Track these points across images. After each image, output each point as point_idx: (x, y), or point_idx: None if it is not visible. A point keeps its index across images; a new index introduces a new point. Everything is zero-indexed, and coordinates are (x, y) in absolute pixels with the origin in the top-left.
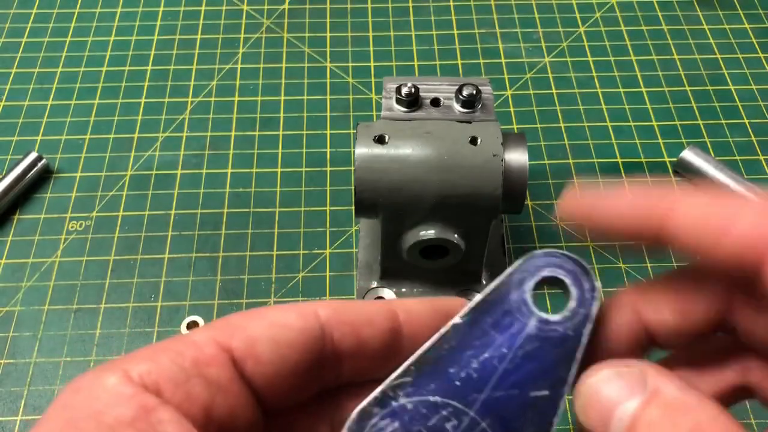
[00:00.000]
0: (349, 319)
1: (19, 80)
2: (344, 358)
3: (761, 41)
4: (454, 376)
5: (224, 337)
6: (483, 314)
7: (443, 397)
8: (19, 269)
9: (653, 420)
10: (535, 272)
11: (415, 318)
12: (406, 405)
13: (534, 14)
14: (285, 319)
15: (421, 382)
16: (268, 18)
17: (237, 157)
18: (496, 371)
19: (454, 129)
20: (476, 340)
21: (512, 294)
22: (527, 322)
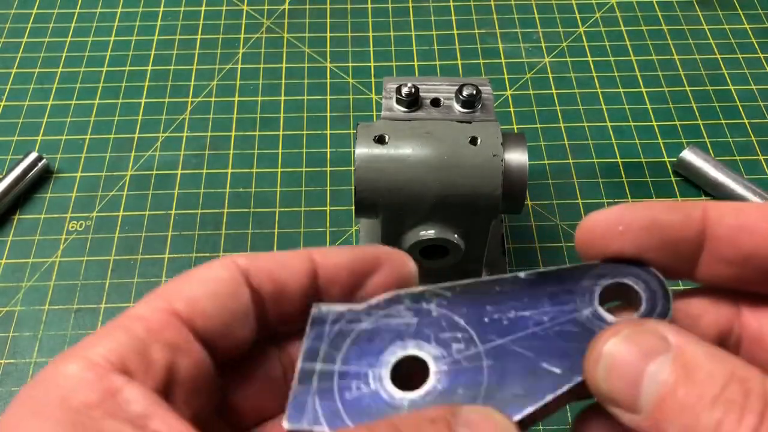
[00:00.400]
0: (265, 265)
1: (19, 80)
2: (267, 304)
3: (761, 41)
4: (487, 313)
5: (164, 302)
6: (547, 282)
7: (467, 323)
8: (20, 269)
9: (687, 376)
10: (618, 274)
11: (332, 261)
12: (432, 311)
13: (534, 14)
14: (214, 274)
15: (457, 302)
16: (268, 18)
17: (237, 157)
18: (526, 329)
19: (454, 129)
20: (526, 298)
21: (585, 281)
22: (582, 309)
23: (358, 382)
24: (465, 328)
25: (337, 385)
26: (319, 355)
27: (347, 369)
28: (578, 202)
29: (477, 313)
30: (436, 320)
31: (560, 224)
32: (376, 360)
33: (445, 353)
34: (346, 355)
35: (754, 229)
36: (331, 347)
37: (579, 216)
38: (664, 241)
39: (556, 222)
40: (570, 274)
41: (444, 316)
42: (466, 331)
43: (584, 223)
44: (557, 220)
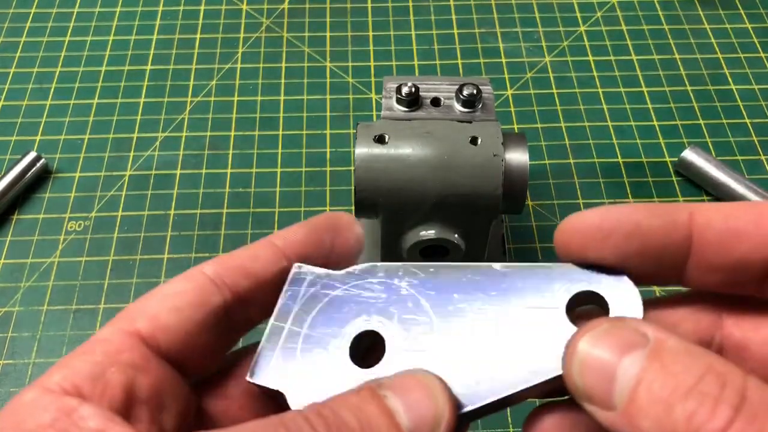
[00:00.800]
0: (234, 263)
1: (18, 80)
2: (248, 299)
3: (762, 41)
4: (454, 301)
5: (128, 323)
6: (519, 278)
7: (431, 309)
8: (18, 269)
9: (663, 369)
10: (591, 281)
11: (292, 240)
12: (401, 288)
13: (534, 14)
14: (176, 287)
15: (427, 283)
16: (268, 17)
17: (237, 157)
18: (489, 324)
19: (455, 129)
20: (495, 291)
21: (557, 283)
22: (549, 313)
23: (319, 348)
24: (428, 311)
25: (300, 347)
26: (290, 315)
27: (312, 333)
28: (579, 202)
29: (444, 298)
30: (403, 299)
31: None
32: (339, 330)
33: (405, 334)
34: (314, 320)
35: (744, 234)
36: (302, 309)
37: None
38: (648, 248)
39: (557, 222)
40: (544, 274)
41: (411, 296)
42: (429, 316)
43: (563, 225)
44: (558, 221)
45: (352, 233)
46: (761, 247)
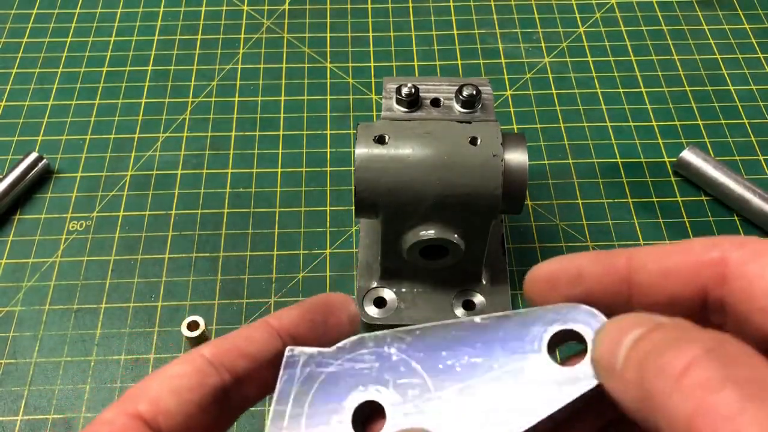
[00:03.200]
0: (231, 345)
1: (19, 80)
2: (244, 379)
3: (761, 41)
4: (442, 359)
5: (131, 405)
6: (500, 327)
7: (423, 369)
8: (20, 269)
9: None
10: (567, 320)
11: (287, 321)
12: (392, 355)
13: (534, 14)
14: (177, 370)
15: (416, 346)
16: (269, 18)
17: (237, 157)
18: (477, 377)
19: (454, 129)
20: (479, 344)
21: (535, 327)
22: (530, 357)
23: (323, 426)
24: (421, 374)
25: (304, 427)
26: (290, 397)
27: (313, 414)
28: (578, 202)
29: (433, 358)
30: (395, 365)
31: (560, 224)
32: (339, 405)
33: (402, 399)
34: (313, 399)
35: (673, 273)
36: (300, 390)
37: (579, 216)
38: (592, 292)
39: (556, 222)
40: (522, 320)
41: (402, 360)
42: (421, 377)
43: (527, 276)
44: (557, 221)
45: (346, 313)
46: (689, 284)
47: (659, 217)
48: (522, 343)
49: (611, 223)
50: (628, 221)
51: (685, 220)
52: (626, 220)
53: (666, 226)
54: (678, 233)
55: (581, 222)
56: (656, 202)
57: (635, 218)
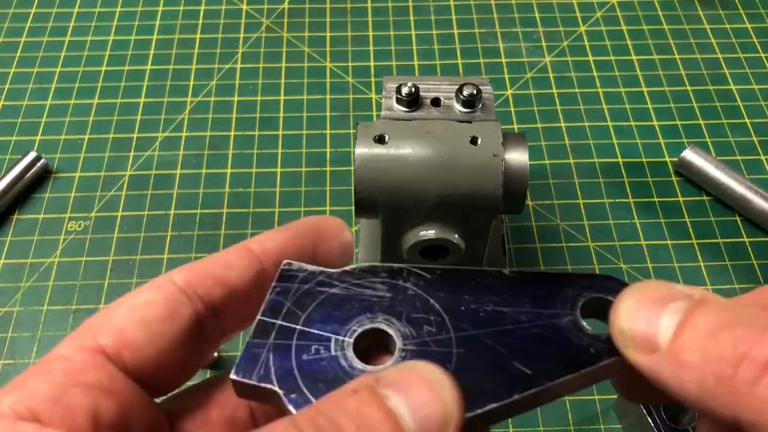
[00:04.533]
0: (206, 271)
1: (18, 80)
2: (221, 309)
3: (762, 41)
4: (465, 302)
5: (90, 339)
6: (530, 283)
7: (441, 308)
8: (18, 269)
9: (707, 311)
10: (603, 290)
11: (270, 246)
12: (408, 289)
13: (534, 14)
14: (144, 298)
15: (435, 285)
16: (268, 18)
17: (237, 157)
18: (502, 325)
19: (455, 129)
20: (507, 294)
21: (569, 290)
22: (562, 316)
23: (318, 345)
24: (439, 311)
25: (296, 344)
26: (282, 311)
27: (309, 330)
28: (579, 202)
29: (454, 299)
30: (411, 299)
31: (561, 224)
32: (341, 327)
33: (415, 333)
34: (310, 316)
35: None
36: (296, 305)
37: (580, 216)
38: None
39: (557, 222)
40: (555, 280)
41: (419, 296)
42: (440, 315)
43: None
44: (558, 221)
45: (339, 241)
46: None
47: (660, 217)
48: (554, 301)
49: (612, 223)
50: (629, 221)
51: (687, 220)
52: (627, 220)
53: (667, 226)
54: (679, 233)
55: (582, 222)
56: (657, 202)
57: (636, 218)
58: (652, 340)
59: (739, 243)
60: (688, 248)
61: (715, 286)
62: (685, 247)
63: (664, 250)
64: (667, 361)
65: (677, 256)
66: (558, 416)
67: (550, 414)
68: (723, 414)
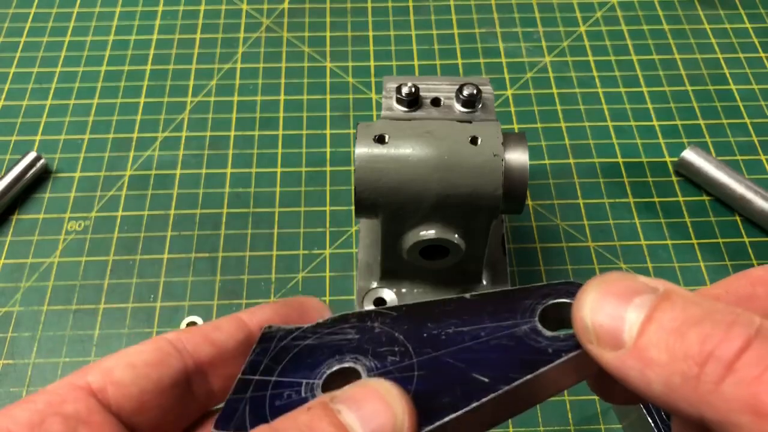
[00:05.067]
0: (198, 331)
1: (18, 80)
2: (208, 368)
3: (762, 41)
4: (427, 329)
5: (80, 378)
6: (491, 302)
7: (405, 339)
8: (18, 269)
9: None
10: (562, 295)
11: (258, 317)
12: (375, 328)
13: (534, 14)
14: (137, 347)
15: (400, 321)
16: (268, 17)
17: (236, 157)
18: (462, 343)
19: (455, 129)
20: (467, 316)
21: (528, 300)
22: (521, 325)
23: (290, 390)
24: (403, 342)
25: (270, 394)
26: (260, 368)
27: (282, 380)
28: (579, 202)
29: (417, 329)
30: (377, 336)
31: (561, 224)
32: (311, 372)
33: (379, 365)
34: (284, 368)
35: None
36: (272, 361)
37: (580, 216)
38: None
39: (557, 222)
40: (515, 295)
41: (385, 332)
42: (403, 345)
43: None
44: (558, 220)
45: (321, 315)
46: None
47: (660, 217)
48: (513, 314)
49: (612, 223)
50: (629, 221)
51: (687, 220)
52: (627, 220)
53: (667, 226)
54: (679, 233)
55: (582, 222)
56: (657, 202)
57: (636, 218)
58: (617, 337)
59: (739, 243)
60: (688, 248)
61: None
62: (685, 247)
63: (664, 250)
64: (632, 358)
65: (677, 256)
66: (558, 416)
67: (550, 414)
68: (690, 413)
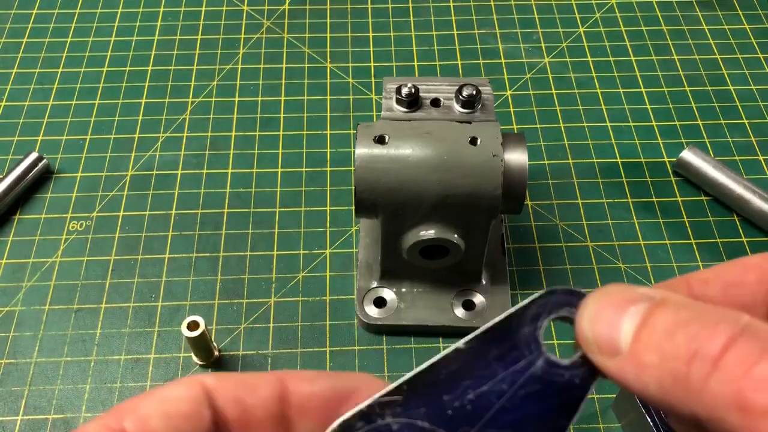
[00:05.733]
0: (232, 386)
1: (19, 80)
2: (232, 428)
3: (761, 41)
4: (447, 404)
5: (116, 421)
6: (488, 344)
7: (432, 424)
8: (20, 269)
9: (666, 311)
10: (552, 310)
11: (304, 389)
12: (391, 425)
13: (534, 14)
14: (174, 392)
15: (411, 403)
16: (269, 18)
17: (237, 157)
18: (492, 407)
19: (454, 129)
20: (477, 371)
21: (524, 328)
22: (534, 361)
23: None
24: (432, 430)
25: None
26: None
27: None
28: (578, 202)
29: (437, 408)
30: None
31: (560, 224)
32: None
33: None
34: None
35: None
36: None
37: (579, 216)
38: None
39: (556, 222)
40: (508, 326)
41: (405, 425)
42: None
43: None
44: (557, 220)
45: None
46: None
47: (659, 217)
48: (519, 351)
49: (611, 222)
50: (627, 221)
51: (685, 220)
52: (626, 220)
53: (666, 226)
54: (678, 233)
55: (581, 222)
56: (656, 202)
57: (635, 218)
58: (615, 344)
59: (737, 243)
60: (686, 248)
61: None
62: (683, 247)
63: (663, 250)
64: (628, 363)
65: (676, 255)
66: None
67: None
68: (684, 412)
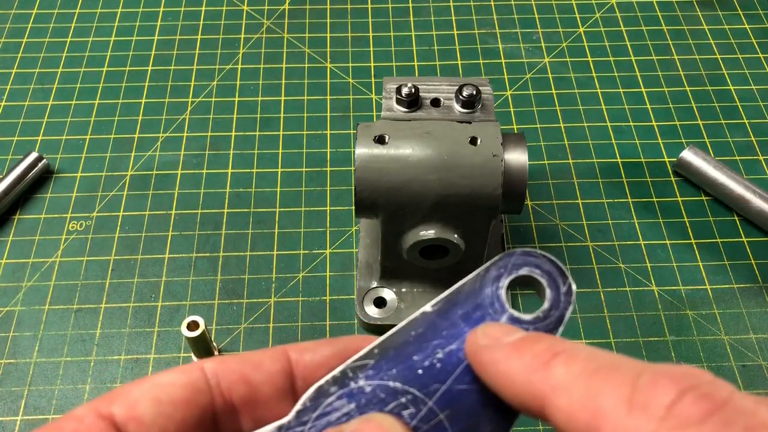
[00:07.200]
0: (236, 366)
1: (19, 80)
2: (239, 408)
3: (761, 41)
4: (417, 363)
5: (105, 405)
6: (454, 305)
7: (404, 384)
8: (20, 269)
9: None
10: (512, 270)
11: (309, 359)
12: (364, 387)
13: (534, 14)
14: (168, 378)
15: (382, 365)
16: (269, 18)
17: (237, 157)
18: (461, 363)
19: (454, 129)
20: (444, 330)
21: (486, 289)
22: (498, 318)
23: None
24: (404, 389)
25: None
26: None
27: None
28: (578, 202)
29: (407, 368)
30: (373, 395)
31: (560, 224)
32: None
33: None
34: None
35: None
36: None
37: (579, 216)
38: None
39: (556, 222)
40: (471, 287)
41: (378, 387)
42: (408, 392)
43: None
44: (557, 220)
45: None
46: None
47: (659, 217)
48: (483, 310)
49: (611, 223)
50: (627, 221)
51: (685, 220)
52: (626, 220)
53: (666, 226)
54: (678, 233)
55: (581, 222)
56: (656, 202)
57: (635, 218)
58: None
59: (737, 243)
60: (686, 248)
61: (713, 285)
62: (683, 247)
63: (663, 250)
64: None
65: (676, 255)
66: None
67: None
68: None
